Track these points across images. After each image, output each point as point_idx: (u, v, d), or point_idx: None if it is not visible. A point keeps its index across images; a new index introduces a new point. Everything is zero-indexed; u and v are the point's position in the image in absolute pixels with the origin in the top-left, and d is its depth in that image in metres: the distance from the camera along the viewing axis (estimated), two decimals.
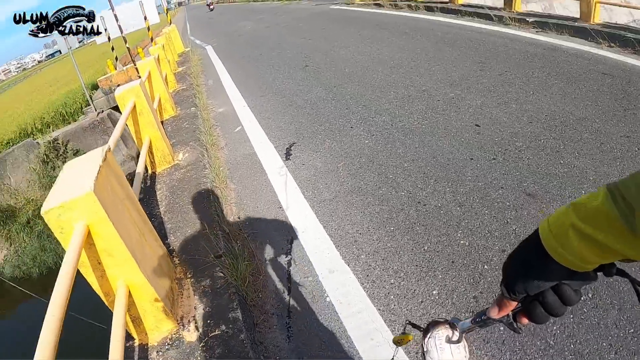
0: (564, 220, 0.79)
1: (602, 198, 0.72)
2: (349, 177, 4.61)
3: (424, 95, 6.26)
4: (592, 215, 0.73)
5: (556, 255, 0.80)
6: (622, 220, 0.68)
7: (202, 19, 46.44)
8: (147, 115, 5.46)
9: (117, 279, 2.61)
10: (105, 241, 2.48)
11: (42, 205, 2.48)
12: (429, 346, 1.15)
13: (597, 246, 0.73)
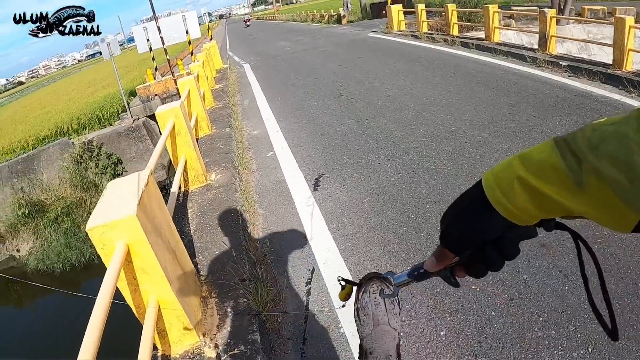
0: (509, 172, 0.77)
1: (549, 150, 0.72)
2: (372, 214, 4.77)
3: (452, 135, 6.39)
4: (539, 167, 0.73)
5: (499, 207, 0.79)
6: (568, 173, 0.68)
7: (241, 35, 46.78)
8: (185, 135, 5.69)
9: (149, 294, 2.82)
10: (142, 260, 2.70)
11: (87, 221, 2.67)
12: (363, 301, 1.12)
13: (542, 199, 0.73)
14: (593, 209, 0.68)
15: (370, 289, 1.11)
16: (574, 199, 0.69)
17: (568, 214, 0.75)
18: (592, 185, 0.66)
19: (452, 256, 0.92)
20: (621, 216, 0.65)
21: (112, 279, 2.32)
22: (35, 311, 16.00)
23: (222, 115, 9.53)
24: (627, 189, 0.62)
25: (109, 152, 18.16)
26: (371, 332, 1.12)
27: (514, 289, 3.36)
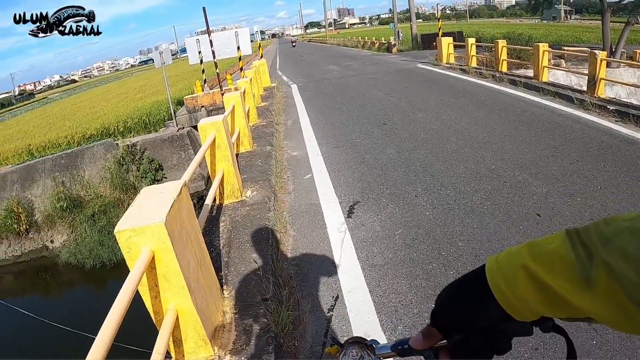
0: (515, 259, 0.74)
1: (560, 241, 0.70)
2: (403, 247, 4.73)
3: (492, 174, 6.32)
4: (547, 257, 0.70)
5: (498, 294, 0.76)
6: (577, 266, 0.66)
7: (291, 55, 47.29)
8: (224, 150, 5.74)
9: (169, 302, 2.84)
10: (165, 268, 2.72)
11: (117, 223, 2.71)
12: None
13: (546, 292, 0.70)
14: (600, 308, 0.65)
15: (349, 353, 1.08)
16: (581, 296, 0.66)
17: (570, 314, 0.71)
18: (601, 281, 0.63)
19: (439, 337, 0.89)
20: (629, 317, 0.62)
21: (133, 283, 2.35)
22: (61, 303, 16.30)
23: (265, 133, 9.60)
24: (637, 286, 0.60)
25: (151, 157, 18.45)
26: None
27: (539, 338, 3.28)
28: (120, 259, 15.17)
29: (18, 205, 18.03)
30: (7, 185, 18.89)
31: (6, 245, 18.26)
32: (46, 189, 18.51)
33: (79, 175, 18.52)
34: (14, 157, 23.30)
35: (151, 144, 18.82)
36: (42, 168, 18.92)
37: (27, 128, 34.93)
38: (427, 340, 0.90)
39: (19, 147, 24.68)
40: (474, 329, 0.82)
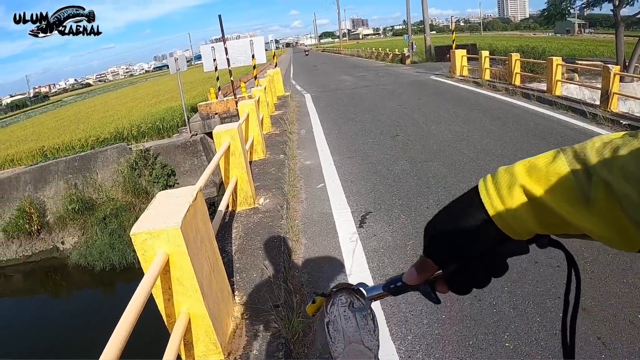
0: (511, 178, 0.72)
1: (557, 159, 0.68)
2: (414, 257, 4.66)
3: None
4: (544, 177, 0.68)
5: (496, 217, 0.73)
6: (576, 185, 0.65)
7: (305, 65, 47.36)
8: (239, 157, 5.79)
9: (181, 306, 2.88)
10: (180, 271, 2.76)
11: (129, 227, 2.77)
12: (331, 315, 1.02)
13: (544, 211, 0.69)
14: (598, 226, 0.64)
15: (338, 301, 1.02)
16: (579, 214, 0.65)
17: (568, 231, 0.70)
18: (600, 200, 0.63)
19: (434, 269, 0.85)
20: (628, 236, 0.62)
21: (147, 285, 2.38)
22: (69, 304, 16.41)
23: (278, 141, 9.66)
24: (637, 206, 0.59)
25: (164, 162, 18.56)
26: (343, 351, 1.01)
27: (548, 351, 3.27)
28: (130, 263, 15.38)
29: (30, 205, 18.18)
30: (20, 186, 19.05)
31: (17, 244, 18.41)
32: (59, 190, 18.65)
33: (91, 178, 18.66)
34: (27, 158, 23.45)
35: (164, 150, 18.93)
36: (56, 170, 19.06)
37: (41, 130, 35.20)
38: (422, 273, 0.87)
39: (32, 148, 24.84)
40: (471, 254, 0.79)
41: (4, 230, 18.31)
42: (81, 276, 16.81)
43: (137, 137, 22.06)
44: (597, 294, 3.87)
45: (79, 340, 12.13)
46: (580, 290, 0.83)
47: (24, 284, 18.19)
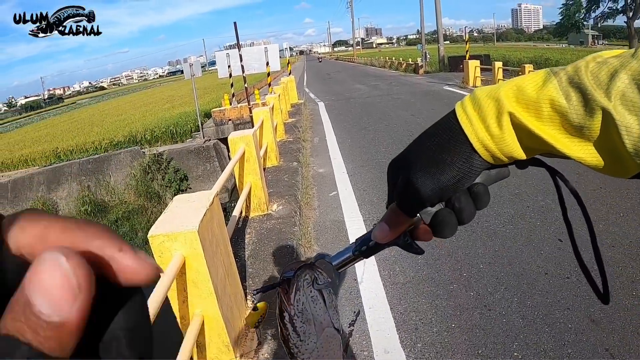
0: (497, 104, 0.63)
1: (548, 82, 0.60)
2: (425, 266, 4.79)
3: (515, 198, 6.35)
4: (534, 103, 0.60)
5: (482, 149, 0.64)
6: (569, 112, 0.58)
7: (319, 73, 47.48)
8: (253, 163, 5.85)
9: (196, 308, 2.94)
10: (195, 274, 2.83)
11: (145, 228, 2.85)
12: (299, 304, 0.82)
13: (532, 140, 0.62)
14: (591, 155, 0.60)
15: (304, 282, 0.83)
16: (572, 143, 0.60)
17: (554, 154, 0.64)
18: (596, 129, 0.57)
19: (410, 221, 0.74)
20: (622, 164, 0.58)
21: (164, 287, 2.44)
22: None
23: (292, 149, 9.70)
24: (637, 135, 0.54)
25: (177, 167, 18.68)
26: (315, 346, 0.82)
27: None
28: None
29: (43, 206, 18.41)
30: (34, 186, 19.27)
31: None
32: (72, 192, 18.83)
33: (104, 180, 18.82)
34: (41, 159, 23.72)
35: (177, 154, 19.06)
36: (69, 171, 19.25)
37: (55, 131, 35.51)
38: (396, 227, 0.76)
39: (46, 149, 25.11)
40: (454, 193, 0.69)
41: None
42: None
43: (150, 141, 22.22)
44: (607, 306, 3.86)
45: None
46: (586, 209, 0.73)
47: None
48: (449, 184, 0.67)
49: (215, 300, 2.92)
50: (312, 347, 0.81)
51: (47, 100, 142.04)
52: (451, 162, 0.66)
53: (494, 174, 0.71)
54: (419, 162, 0.69)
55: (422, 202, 0.69)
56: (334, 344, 0.84)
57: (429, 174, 0.67)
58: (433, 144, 0.68)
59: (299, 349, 0.81)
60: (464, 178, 0.67)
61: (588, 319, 3.70)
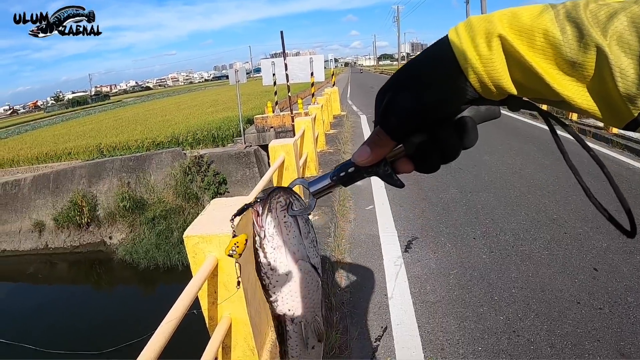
0: (489, 26, 0.59)
1: (544, 13, 0.58)
2: (456, 287, 4.77)
3: (552, 224, 6.26)
4: (528, 31, 0.57)
5: (468, 68, 0.60)
6: (563, 46, 0.55)
7: (363, 85, 47.56)
8: (292, 172, 5.90)
9: (224, 310, 2.98)
10: (227, 276, 2.86)
11: (181, 228, 2.90)
12: (269, 227, 0.80)
13: (521, 70, 0.59)
14: (581, 96, 0.57)
15: (277, 204, 0.80)
16: (562, 79, 0.57)
17: (543, 96, 0.61)
18: (589, 67, 0.55)
19: (392, 144, 0.72)
20: (614, 109, 0.56)
21: (195, 287, 2.48)
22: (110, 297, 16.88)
23: (332, 160, 9.76)
24: (631, 80, 0.52)
25: (216, 170, 18.87)
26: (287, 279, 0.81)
27: None
28: (174, 264, 15.70)
29: (82, 198, 18.77)
30: (75, 179, 19.65)
31: (66, 234, 19.03)
32: (112, 187, 19.16)
33: (144, 178, 19.09)
34: (84, 153, 24.21)
35: (218, 158, 19.24)
36: (111, 167, 19.59)
37: (99, 127, 36.12)
38: (377, 150, 0.73)
39: (90, 144, 25.60)
40: (438, 120, 0.68)
41: (55, 219, 18.99)
42: (124, 272, 17.24)
43: (192, 143, 22.47)
44: (638, 339, 3.80)
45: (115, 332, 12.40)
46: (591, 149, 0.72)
47: (68, 272, 18.81)
48: (432, 104, 0.65)
49: (244, 304, 2.96)
50: (284, 279, 0.80)
51: (94, 97, 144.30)
52: (436, 81, 0.64)
53: (483, 111, 0.71)
54: (403, 81, 0.67)
55: (404, 119, 0.67)
56: (308, 281, 0.83)
57: (412, 91, 0.65)
58: (420, 64, 0.66)
59: (270, 279, 0.81)
60: (448, 101, 0.64)
61: (618, 353, 3.64)
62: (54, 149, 26.57)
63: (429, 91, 0.64)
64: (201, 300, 2.97)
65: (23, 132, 49.62)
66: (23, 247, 19.81)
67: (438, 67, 0.63)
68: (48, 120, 68.76)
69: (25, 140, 36.10)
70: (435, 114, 0.66)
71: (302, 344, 0.87)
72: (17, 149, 29.37)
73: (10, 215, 20.31)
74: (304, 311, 0.83)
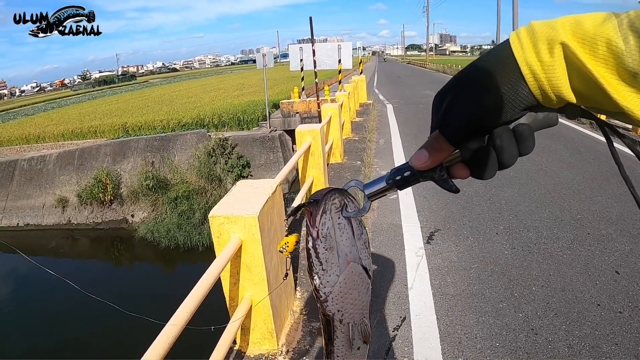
0: (552, 32, 0.59)
1: (607, 22, 0.57)
2: (477, 281, 4.76)
3: (576, 224, 6.22)
4: (591, 39, 0.57)
5: (528, 74, 0.61)
6: (625, 56, 0.54)
7: (391, 75, 47.32)
8: (318, 157, 5.91)
9: (246, 291, 3.02)
10: (250, 258, 2.90)
11: (203, 208, 2.95)
12: (324, 227, 0.78)
13: (581, 79, 0.58)
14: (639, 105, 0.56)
15: (332, 205, 0.79)
16: (622, 89, 0.56)
17: (602, 106, 0.61)
18: None
19: (450, 149, 0.73)
20: None
21: (218, 267, 2.51)
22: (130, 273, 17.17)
23: (357, 148, 9.80)
24: None
25: (240, 153, 18.97)
26: (338, 280, 0.79)
27: None
28: (195, 244, 15.88)
29: (107, 176, 19.05)
30: (100, 157, 19.91)
31: (89, 211, 19.33)
32: (136, 166, 19.37)
33: (168, 158, 19.27)
34: (110, 132, 24.50)
35: (242, 141, 19.34)
36: (135, 146, 19.81)
37: (125, 107, 36.43)
38: (435, 155, 0.74)
39: (115, 123, 25.85)
40: (495, 127, 0.68)
41: (78, 196, 19.28)
42: (145, 250, 17.45)
43: (217, 125, 22.56)
44: None
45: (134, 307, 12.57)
46: None
47: (89, 248, 19.16)
48: (492, 110, 0.65)
49: (266, 286, 2.99)
50: (334, 280, 0.79)
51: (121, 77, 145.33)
52: (496, 86, 0.63)
53: (541, 118, 0.69)
54: (463, 86, 0.68)
55: (464, 124, 0.68)
56: (359, 282, 0.81)
57: (472, 97, 0.66)
58: (481, 69, 0.66)
59: (322, 279, 0.80)
60: (507, 107, 0.64)
61: (636, 357, 3.61)
62: (79, 126, 26.94)
63: (488, 96, 0.64)
64: (223, 281, 3.01)
65: (50, 109, 50.25)
66: (46, 221, 20.16)
67: (499, 71, 0.63)
68: (75, 99, 69.50)
69: (52, 117, 36.62)
70: (493, 119, 0.66)
71: (348, 345, 0.86)
72: (43, 126, 29.83)
73: (35, 190, 20.66)
74: (352, 312, 0.83)
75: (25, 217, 20.38)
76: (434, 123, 0.74)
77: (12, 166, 21.26)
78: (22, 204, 20.62)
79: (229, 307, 3.11)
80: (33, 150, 23.93)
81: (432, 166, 0.75)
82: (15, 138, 27.03)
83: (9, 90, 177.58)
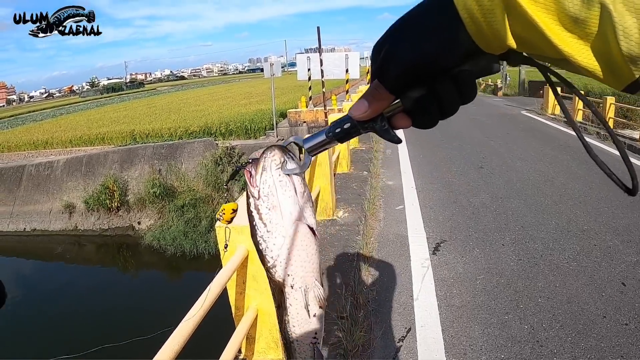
0: None
1: None
2: (482, 292, 4.76)
3: (582, 235, 6.20)
4: None
5: (467, 18, 0.57)
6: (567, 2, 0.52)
7: None
8: (325, 167, 5.92)
9: (252, 301, 3.03)
10: (257, 268, 2.91)
11: (210, 217, 2.92)
12: (264, 186, 0.77)
13: (523, 25, 0.55)
14: (583, 54, 0.55)
15: (272, 162, 0.78)
16: (564, 35, 0.54)
17: (544, 52, 0.58)
18: (592, 24, 0.52)
19: (390, 98, 0.70)
20: (615, 69, 0.53)
21: (225, 277, 2.52)
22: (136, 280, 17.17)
23: (363, 158, 9.84)
24: (634, 40, 0.50)
25: (247, 162, 18.98)
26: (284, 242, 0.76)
27: None
28: (200, 253, 15.90)
29: (114, 183, 19.11)
30: (107, 163, 19.99)
31: (96, 217, 19.41)
32: (143, 173, 19.42)
33: (176, 166, 19.31)
34: (117, 139, 24.57)
35: (250, 150, 19.36)
36: (143, 154, 19.86)
37: (133, 114, 36.54)
38: (375, 104, 0.72)
39: (123, 130, 25.94)
40: (436, 74, 0.65)
41: (85, 202, 19.36)
42: (151, 257, 17.50)
43: (224, 134, 22.59)
44: None
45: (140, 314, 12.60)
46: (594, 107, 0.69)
47: (95, 254, 19.24)
48: (431, 56, 0.62)
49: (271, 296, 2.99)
50: (280, 242, 0.76)
51: (129, 84, 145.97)
52: (434, 31, 0.61)
53: (481, 65, 0.65)
54: (401, 32, 0.65)
55: (403, 72, 0.65)
56: (307, 243, 0.78)
57: (410, 42, 0.63)
58: (418, 14, 0.64)
59: (267, 242, 0.77)
60: (447, 53, 0.62)
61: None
62: (87, 133, 27.09)
63: (427, 42, 0.62)
64: (229, 290, 3.02)
65: (58, 115, 50.56)
66: (53, 227, 20.22)
67: (436, 16, 0.61)
68: (83, 105, 69.80)
69: (60, 123, 36.80)
70: (433, 65, 0.63)
71: (304, 312, 0.83)
72: (51, 132, 29.97)
73: (42, 196, 20.76)
74: (304, 276, 0.79)
75: (32, 222, 20.44)
76: (372, 72, 0.70)
77: (20, 171, 21.37)
78: (30, 209, 20.70)
79: (234, 316, 3.13)
80: (41, 156, 24.04)
81: (372, 116, 0.73)
82: (23, 143, 27.28)
83: (18, 95, 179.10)
